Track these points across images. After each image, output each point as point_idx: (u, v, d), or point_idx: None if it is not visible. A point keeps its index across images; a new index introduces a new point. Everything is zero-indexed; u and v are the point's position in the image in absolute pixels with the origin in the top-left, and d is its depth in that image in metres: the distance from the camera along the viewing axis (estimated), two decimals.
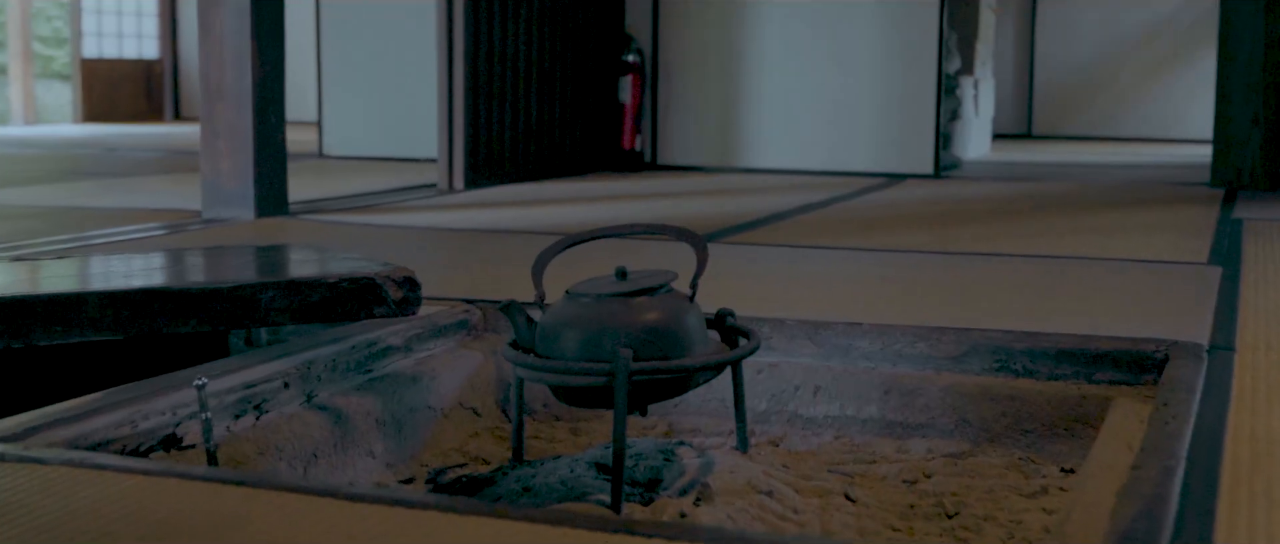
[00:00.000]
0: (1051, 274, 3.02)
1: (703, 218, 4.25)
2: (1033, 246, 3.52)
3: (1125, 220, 4.22)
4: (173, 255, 2.53)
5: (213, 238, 3.61)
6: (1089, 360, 2.19)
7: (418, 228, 3.88)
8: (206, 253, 2.62)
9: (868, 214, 4.40)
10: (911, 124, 5.82)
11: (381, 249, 3.41)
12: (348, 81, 6.57)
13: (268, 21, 3.96)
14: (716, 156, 6.08)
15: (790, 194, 5.09)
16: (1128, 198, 5.01)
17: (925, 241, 3.65)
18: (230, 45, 3.94)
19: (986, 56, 7.63)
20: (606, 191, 5.14)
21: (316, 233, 3.76)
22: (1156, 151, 7.94)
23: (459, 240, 3.65)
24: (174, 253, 2.55)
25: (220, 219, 3.94)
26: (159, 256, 2.53)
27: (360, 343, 2.20)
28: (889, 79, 5.84)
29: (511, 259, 3.25)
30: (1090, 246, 3.54)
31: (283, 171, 4.06)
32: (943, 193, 5.17)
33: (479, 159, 5.18)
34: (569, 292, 1.87)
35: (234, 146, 3.96)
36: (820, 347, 2.33)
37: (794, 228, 3.99)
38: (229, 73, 3.95)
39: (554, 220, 4.14)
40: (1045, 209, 4.58)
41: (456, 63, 5.08)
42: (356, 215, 4.15)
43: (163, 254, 2.55)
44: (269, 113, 3.99)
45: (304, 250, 2.68)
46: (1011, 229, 3.98)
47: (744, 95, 6.03)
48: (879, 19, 5.83)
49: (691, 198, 4.94)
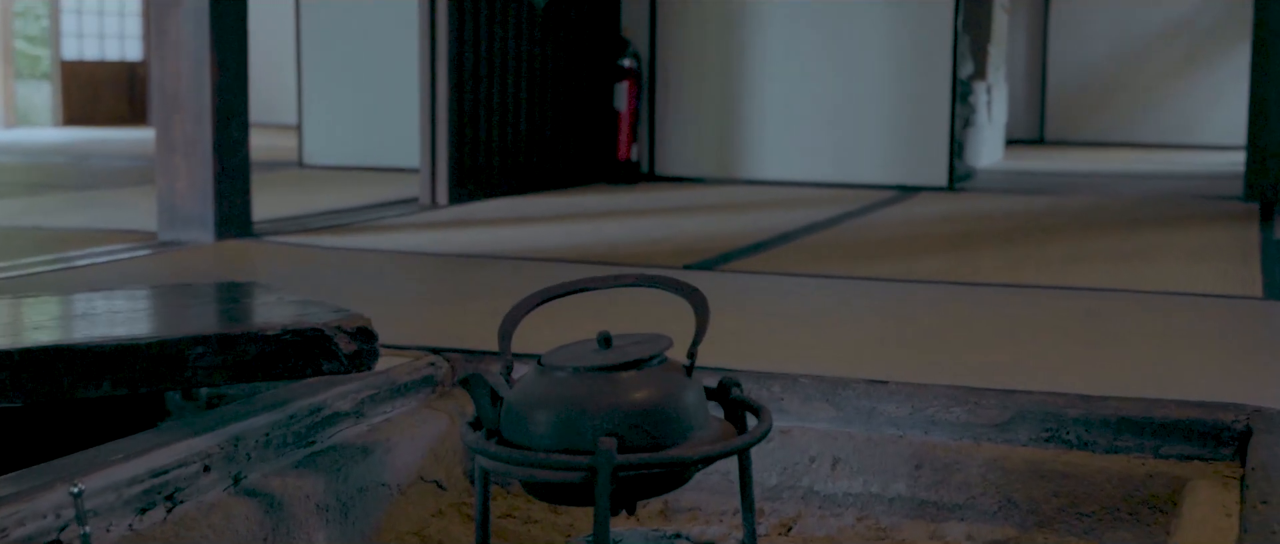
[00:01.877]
0: (1093, 313, 2.69)
1: (701, 239, 3.93)
2: (1066, 276, 3.20)
3: (1161, 243, 3.90)
4: (91, 300, 2.21)
5: (163, 266, 3.28)
6: (1155, 430, 1.87)
7: (391, 251, 3.55)
8: (132, 296, 2.30)
9: (880, 235, 4.08)
10: (924, 133, 5.49)
11: (346, 279, 3.09)
12: (329, 87, 6.25)
13: (229, 25, 3.64)
14: (717, 167, 5.76)
15: (795, 210, 4.77)
16: (1158, 214, 4.69)
17: (946, 270, 3.32)
18: (188, 51, 3.61)
19: (999, 60, 7.31)
20: (599, 207, 4.81)
21: (279, 258, 3.43)
22: (1177, 159, 7.61)
23: (434, 268, 3.32)
24: (94, 298, 2.23)
25: (176, 242, 3.62)
26: (79, 300, 2.21)
27: (301, 410, 1.87)
28: (900, 84, 5.51)
29: (491, 291, 2.92)
30: (1129, 276, 3.22)
31: (245, 189, 3.74)
32: (959, 208, 4.84)
33: (464, 172, 4.86)
34: (542, 361, 1.55)
35: (192, 162, 3.64)
36: (839, 409, 2.01)
37: (800, 252, 3.67)
38: (186, 81, 3.62)
39: (541, 242, 3.81)
40: (1071, 228, 4.26)
41: (440, 69, 4.75)
42: (327, 237, 3.83)
43: (83, 298, 2.23)
44: (231, 125, 3.66)
45: (247, 291, 2.35)
46: (1038, 254, 3.65)
47: (746, 102, 5.71)
48: (889, 20, 5.50)
49: (690, 215, 4.61)
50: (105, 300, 2.25)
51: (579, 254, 3.53)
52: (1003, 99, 7.53)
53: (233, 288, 2.39)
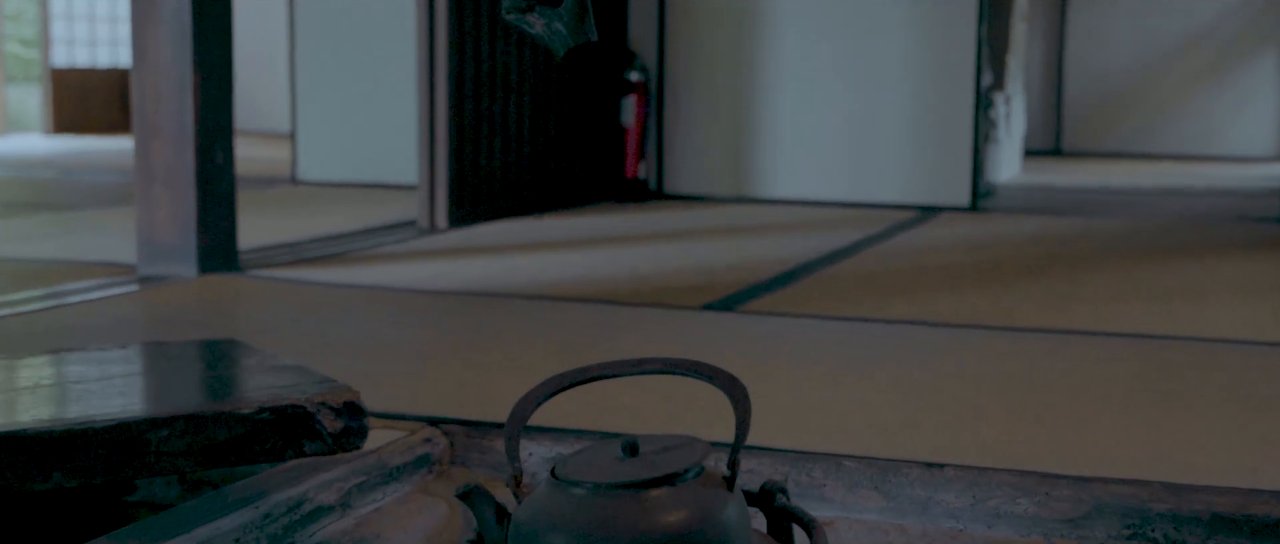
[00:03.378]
0: (1150, 367, 2.46)
1: (716, 270, 3.69)
2: (1110, 318, 2.96)
3: (1204, 276, 3.66)
4: (43, 367, 1.97)
5: (138, 309, 3.05)
6: (1256, 530, 1.64)
7: (387, 288, 3.31)
8: (93, 360, 2.06)
9: (905, 265, 3.84)
10: (945, 150, 5.26)
11: (336, 323, 2.85)
12: (324, 99, 6.00)
13: (213, 44, 3.40)
14: (728, 185, 5.51)
15: (812, 234, 4.53)
16: (1197, 240, 4.44)
17: (982, 310, 3.08)
18: (168, 73, 3.37)
19: (1017, 71, 7.07)
20: (608, 231, 4.58)
21: (265, 298, 3.20)
22: (1202, 173, 7.37)
23: (432, 309, 3.09)
24: (47, 364, 1.99)
25: (156, 277, 3.38)
26: (28, 367, 1.97)
27: (278, 507, 1.64)
28: (920, 100, 5.27)
29: (494, 339, 2.68)
30: (1178, 318, 2.98)
31: (231, 218, 3.50)
32: (984, 232, 4.60)
33: (465, 193, 4.62)
34: (556, 474, 1.31)
35: (173, 191, 3.40)
36: (890, 499, 1.77)
37: (822, 288, 3.43)
38: (167, 105, 3.38)
39: (546, 275, 3.57)
40: (1104, 258, 4.02)
41: (439, 86, 4.51)
42: (318, 270, 3.59)
43: (34, 364, 1.99)
44: (215, 151, 3.42)
45: (225, 353, 2.12)
46: (1075, 289, 3.41)
47: (758, 117, 5.47)
48: (909, 31, 5.26)
49: (703, 240, 4.37)
50: (58, 366, 2.01)
51: (587, 290, 3.29)
52: (1021, 110, 7.29)
53: (209, 349, 2.16)
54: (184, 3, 3.32)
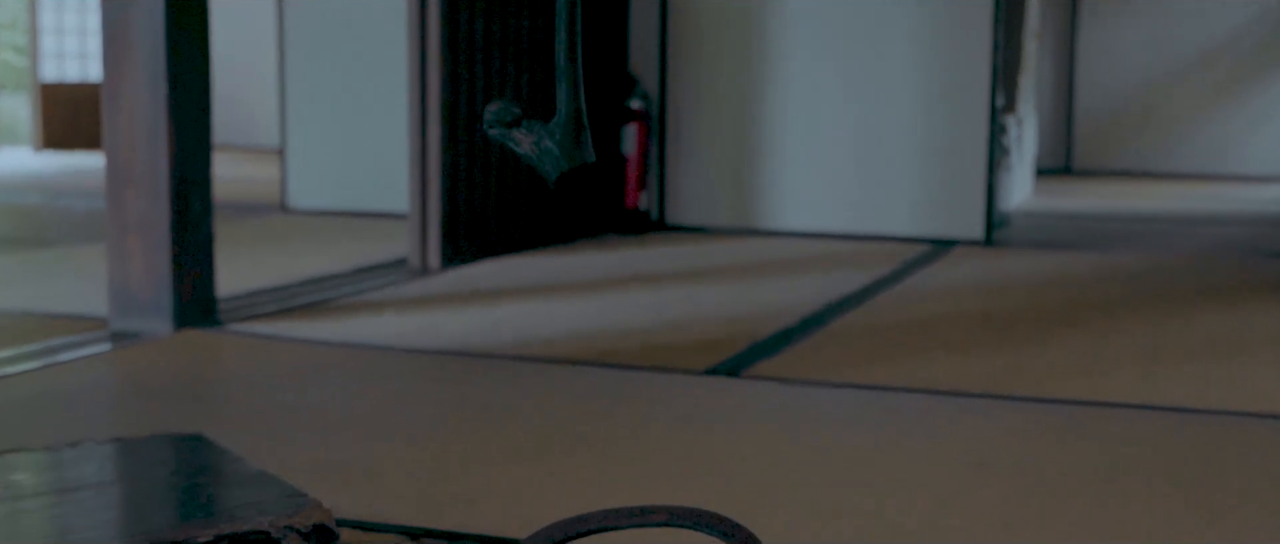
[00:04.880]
0: (1200, 448, 2.27)
1: (721, 321, 3.50)
2: (1143, 386, 2.78)
3: (1243, 328, 3.47)
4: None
5: (108, 374, 2.86)
6: None
7: (372, 347, 3.13)
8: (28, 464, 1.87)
9: (919, 314, 3.66)
10: (957, 180, 5.07)
11: (315, 393, 2.67)
12: (315, 126, 5.81)
13: (189, 88, 3.22)
14: (732, 215, 5.33)
15: (819, 275, 4.35)
16: (1225, 281, 4.26)
17: (1007, 375, 2.89)
18: (142, 119, 3.19)
19: (1029, 91, 6.88)
20: (606, 271, 4.39)
21: (243, 359, 3.01)
22: (1217, 194, 7.19)
23: (420, 374, 2.90)
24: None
25: (130, 334, 3.20)
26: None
27: None
28: (930, 128, 5.08)
29: (483, 413, 2.49)
30: (1222, 385, 2.80)
31: (208, 269, 3.32)
32: (1000, 273, 4.42)
33: (458, 230, 4.44)
34: None
35: (147, 243, 3.22)
36: None
37: (832, 345, 3.25)
38: (141, 152, 3.20)
39: (541, 327, 3.39)
40: (1129, 304, 3.83)
41: (431, 120, 4.33)
42: (301, 322, 3.40)
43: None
44: (191, 200, 3.24)
45: (185, 455, 1.93)
46: (1104, 347, 3.23)
47: (763, 145, 5.28)
48: (919, 56, 5.08)
49: (706, 282, 4.19)
50: (7, 474, 1.83)
51: (583, 349, 3.11)
52: (1033, 131, 7.11)
53: (171, 451, 1.97)
54: (158, 46, 3.14)
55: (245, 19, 9.96)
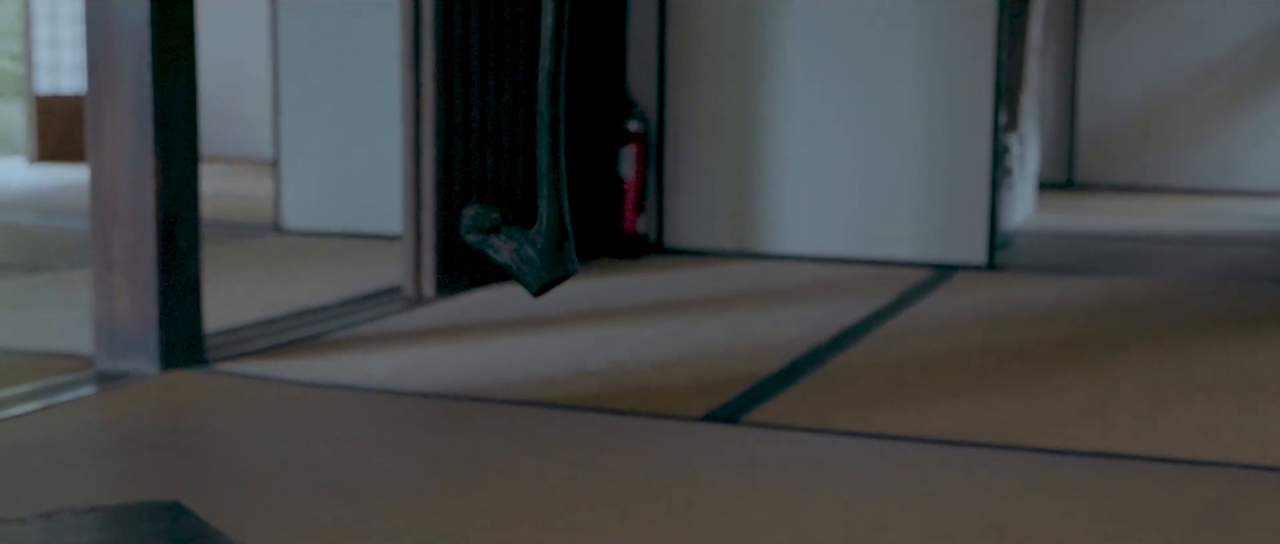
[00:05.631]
0: (1212, 507, 2.20)
1: (720, 357, 3.43)
2: (1153, 433, 2.71)
3: (1256, 364, 3.40)
4: None
5: (90, 421, 2.79)
6: None
7: (364, 390, 3.06)
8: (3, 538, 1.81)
9: (923, 349, 3.58)
10: (959, 203, 5.00)
11: (303, 447, 2.60)
12: (310, 142, 5.74)
13: (176, 123, 3.14)
14: (732, 239, 5.26)
15: (821, 302, 4.28)
16: (1235, 310, 4.18)
17: (1007, 420, 2.82)
18: (127, 154, 3.12)
19: (1032, 107, 6.81)
20: (602, 300, 4.32)
21: (231, 404, 2.94)
22: (1222, 210, 7.12)
23: (407, 421, 2.83)
24: None
25: (115, 374, 3.13)
26: None
27: None
28: (932, 150, 5.01)
29: (472, 471, 2.42)
30: (1234, 433, 2.72)
31: (196, 306, 3.24)
32: (1004, 300, 4.35)
33: (453, 256, 4.36)
34: None
35: (133, 282, 3.14)
36: None
37: (835, 385, 3.18)
38: (125, 187, 3.13)
39: (536, 364, 3.32)
40: (1140, 340, 3.76)
41: (425, 144, 4.26)
42: (291, 360, 3.33)
43: None
44: (177, 237, 3.17)
45: (159, 533, 1.86)
46: (1110, 387, 3.16)
47: (763, 167, 5.21)
48: (920, 78, 5.00)
49: (704, 312, 4.11)
50: None
51: (578, 390, 3.04)
52: (1035, 148, 7.04)
53: (146, 520, 1.90)
54: (144, 80, 3.07)
55: (235, 23, 9.83)
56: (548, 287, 1.06)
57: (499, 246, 1.09)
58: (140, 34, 3.07)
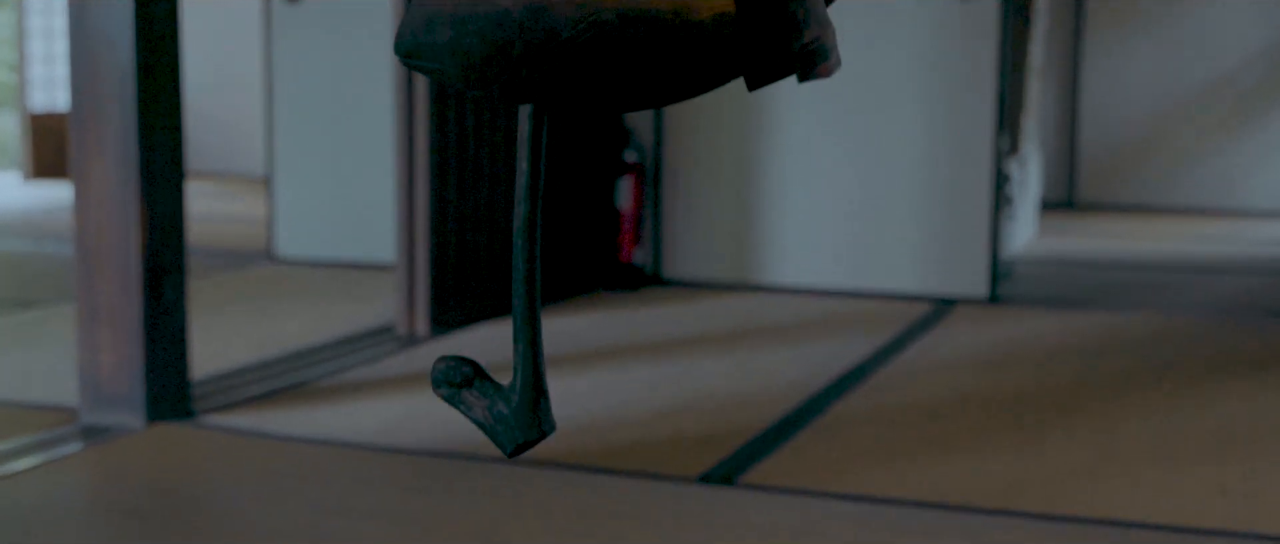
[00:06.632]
0: None
1: (717, 406, 3.37)
2: (1162, 496, 2.65)
3: (1259, 414, 3.34)
4: None
5: (75, 477, 2.73)
6: None
7: (353, 446, 3.00)
8: None
9: (925, 396, 3.53)
10: (960, 235, 4.94)
11: (288, 508, 2.54)
12: (305, 162, 5.67)
13: (163, 172, 3.09)
14: (730, 269, 5.20)
15: (818, 340, 4.22)
16: (1236, 348, 4.12)
17: (1014, 484, 2.77)
18: (113, 205, 3.07)
19: (1033, 130, 6.75)
20: (600, 337, 4.26)
21: (216, 461, 2.89)
22: (1227, 234, 7.06)
23: (394, 481, 2.77)
24: None
25: (100, 429, 3.07)
26: None
27: None
28: (933, 181, 4.95)
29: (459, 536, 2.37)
30: (1239, 496, 2.67)
31: (183, 360, 3.19)
32: (1004, 339, 4.29)
33: (447, 293, 4.31)
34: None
35: (118, 334, 3.09)
36: None
37: (831, 438, 3.12)
38: (111, 240, 3.08)
39: None
40: (1141, 381, 3.70)
41: (418, 178, 4.20)
42: (279, 411, 3.27)
43: None
44: (164, 288, 3.11)
45: None
46: (1113, 441, 3.10)
47: (762, 198, 5.16)
48: (922, 107, 4.95)
49: (702, 351, 4.06)
50: None
51: (569, 446, 2.98)
52: (1037, 170, 6.98)
53: None
54: (130, 131, 3.02)
55: (225, 29, 9.72)
56: (522, 448, 1.00)
57: (471, 403, 1.03)
58: (126, 79, 3.02)
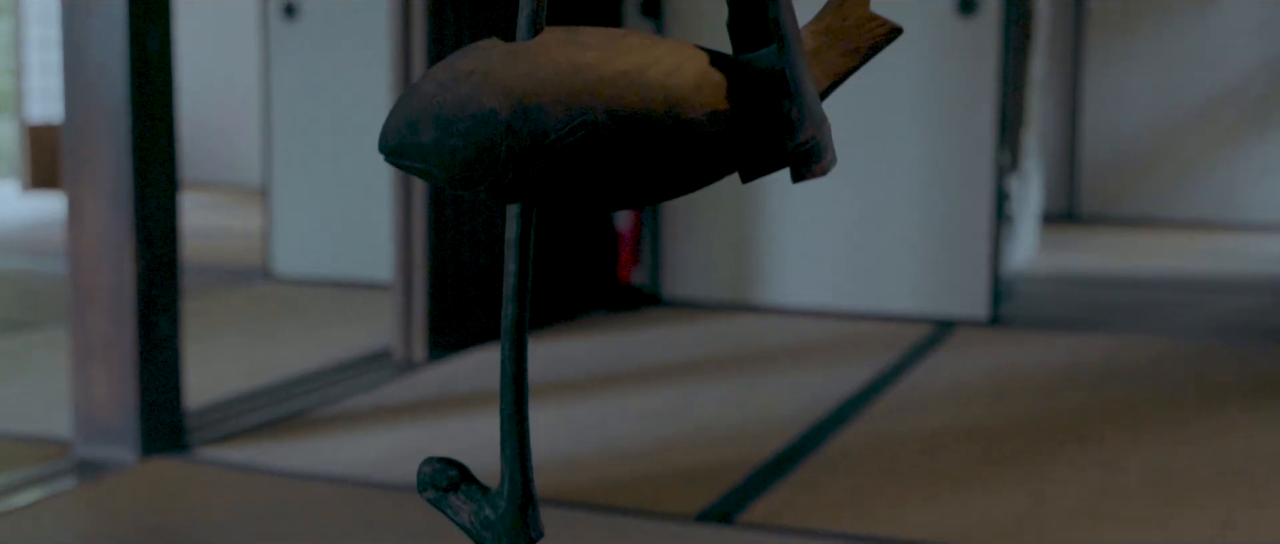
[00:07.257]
0: None
1: (717, 439, 3.35)
2: (1165, 535, 2.62)
3: (1265, 447, 3.31)
4: None
5: (67, 515, 2.70)
6: None
7: (347, 482, 2.97)
8: None
9: (926, 427, 3.50)
10: (961, 256, 4.91)
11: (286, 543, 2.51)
12: (303, 176, 5.65)
13: (157, 203, 3.06)
14: (730, 289, 5.17)
15: (819, 366, 4.19)
16: (1240, 374, 4.09)
17: (1015, 522, 2.74)
18: (105, 237, 3.04)
19: (1033, 147, 6.72)
20: (598, 362, 4.24)
21: (209, 498, 2.86)
22: (1230, 248, 7.03)
23: (384, 522, 2.75)
24: None
25: (93, 463, 3.04)
26: None
27: None
28: (933, 202, 4.93)
29: None
30: (1245, 529, 2.64)
31: (177, 393, 3.16)
32: (1005, 364, 4.26)
33: (445, 317, 4.28)
34: None
35: (111, 369, 3.06)
36: None
37: (831, 473, 3.09)
38: (104, 272, 3.05)
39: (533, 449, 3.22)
40: (1144, 411, 3.67)
41: (416, 199, 4.17)
42: (273, 444, 3.25)
43: None
44: (158, 323, 3.09)
45: None
46: (1117, 475, 3.07)
47: (760, 218, 5.13)
48: (922, 126, 4.92)
49: (702, 378, 4.03)
50: None
51: (565, 481, 2.95)
52: (1037, 186, 6.95)
53: None
54: (124, 162, 2.99)
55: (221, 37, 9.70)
56: None
57: (458, 507, 1.00)
58: (119, 114, 2.99)
